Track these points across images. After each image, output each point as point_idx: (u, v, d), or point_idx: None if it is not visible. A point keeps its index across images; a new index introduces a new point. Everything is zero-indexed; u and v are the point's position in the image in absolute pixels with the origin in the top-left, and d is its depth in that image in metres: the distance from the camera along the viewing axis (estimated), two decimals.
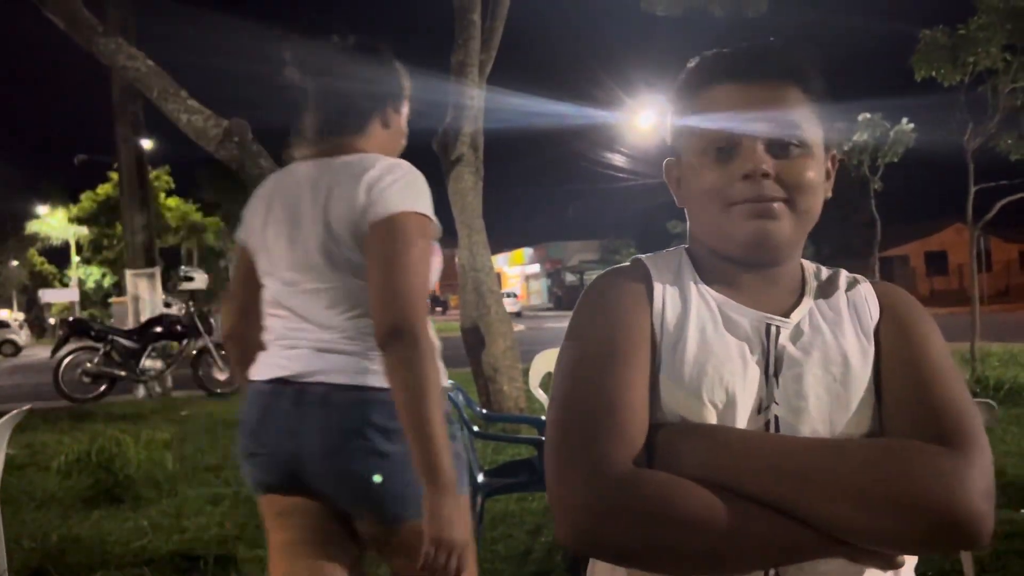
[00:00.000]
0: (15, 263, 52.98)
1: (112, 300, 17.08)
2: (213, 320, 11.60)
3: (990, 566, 3.27)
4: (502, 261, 59.39)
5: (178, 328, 11.13)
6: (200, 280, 11.93)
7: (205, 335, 11.07)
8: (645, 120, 19.32)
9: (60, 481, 5.24)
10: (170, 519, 4.54)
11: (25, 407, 3.98)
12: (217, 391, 10.85)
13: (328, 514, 1.69)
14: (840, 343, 0.95)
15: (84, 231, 38.75)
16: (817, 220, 1.00)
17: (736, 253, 0.97)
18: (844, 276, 1.04)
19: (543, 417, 3.28)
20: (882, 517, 0.79)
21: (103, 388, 10.81)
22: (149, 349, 10.96)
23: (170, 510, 4.73)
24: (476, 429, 3.66)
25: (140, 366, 10.90)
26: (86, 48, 5.86)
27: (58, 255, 47.93)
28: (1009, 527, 3.67)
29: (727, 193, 0.94)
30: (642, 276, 1.00)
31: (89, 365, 10.69)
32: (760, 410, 0.92)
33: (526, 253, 60.83)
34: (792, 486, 0.82)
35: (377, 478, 1.57)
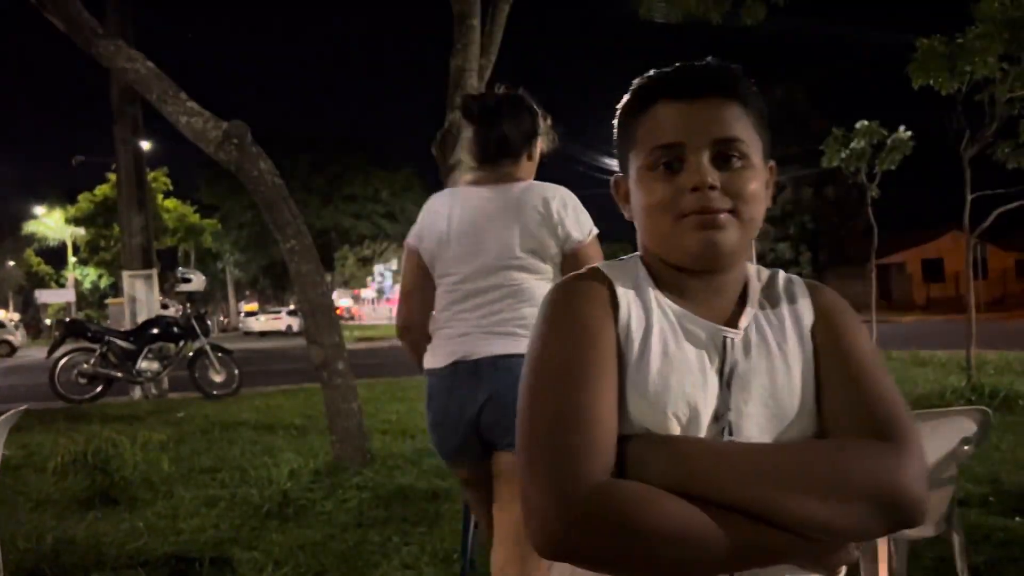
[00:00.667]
0: (12, 263, 52.90)
1: (108, 301, 17.02)
2: (210, 322, 11.59)
3: (986, 573, 3.27)
4: None
5: (175, 330, 11.11)
6: (197, 282, 11.92)
7: (202, 337, 11.06)
8: None
9: (56, 482, 5.23)
10: (166, 521, 4.53)
11: (21, 408, 3.98)
12: (214, 393, 10.84)
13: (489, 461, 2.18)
14: (783, 348, 1.00)
15: (81, 232, 38.68)
16: (760, 227, 1.04)
17: (686, 263, 1.01)
18: (782, 278, 1.09)
19: None
20: (833, 507, 0.86)
21: (99, 389, 10.78)
22: (146, 351, 10.94)
23: (166, 512, 4.73)
24: None
25: (136, 367, 10.88)
26: (86, 50, 5.87)
27: (55, 256, 47.88)
28: (1004, 535, 3.68)
29: (676, 205, 0.98)
30: (605, 285, 1.02)
31: (85, 366, 10.67)
32: (717, 419, 0.97)
33: None
34: (749, 487, 0.87)
35: None
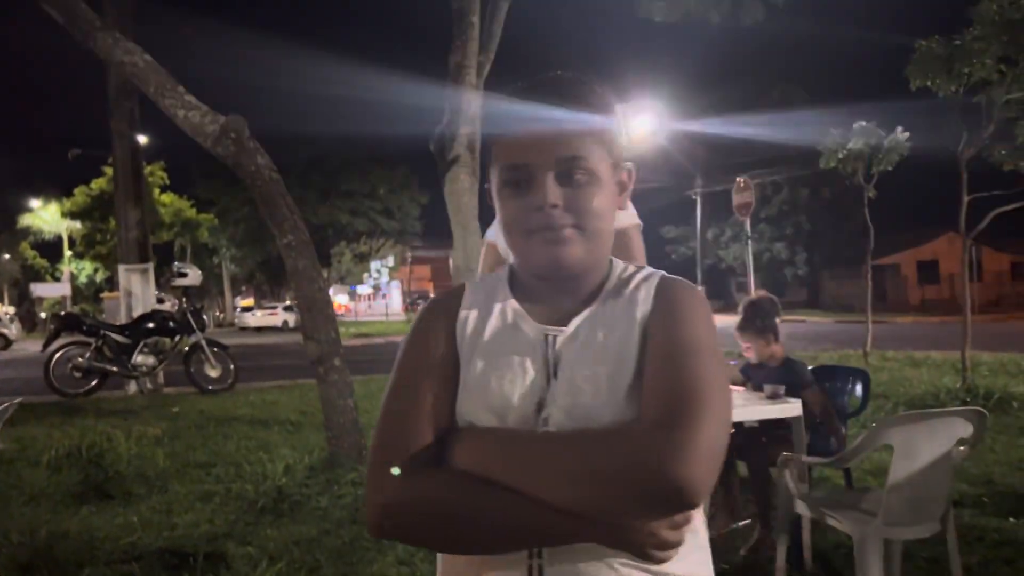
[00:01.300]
0: (7, 257, 52.73)
1: (104, 295, 16.98)
2: (206, 317, 11.57)
3: (979, 574, 3.29)
4: None
5: (171, 324, 11.09)
6: (193, 276, 11.89)
7: (198, 332, 11.04)
8: (640, 125, 19.31)
9: (49, 476, 5.23)
10: (160, 515, 4.53)
11: (16, 401, 3.98)
12: (209, 388, 10.83)
13: None
14: (610, 342, 1.05)
15: (77, 225, 38.62)
16: (611, 235, 1.10)
17: (536, 273, 1.10)
18: (641, 274, 1.13)
19: None
20: (589, 490, 0.91)
21: (94, 383, 10.76)
22: (141, 345, 10.92)
23: (160, 506, 4.72)
24: None
25: (132, 362, 10.85)
26: (83, 43, 5.84)
27: (50, 249, 47.74)
28: (998, 535, 3.70)
29: (524, 223, 1.06)
30: (456, 299, 1.14)
31: (80, 360, 10.64)
32: (540, 410, 1.03)
33: None
34: (523, 472, 0.94)
35: None
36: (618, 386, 1.01)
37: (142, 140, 13.00)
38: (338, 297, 52.94)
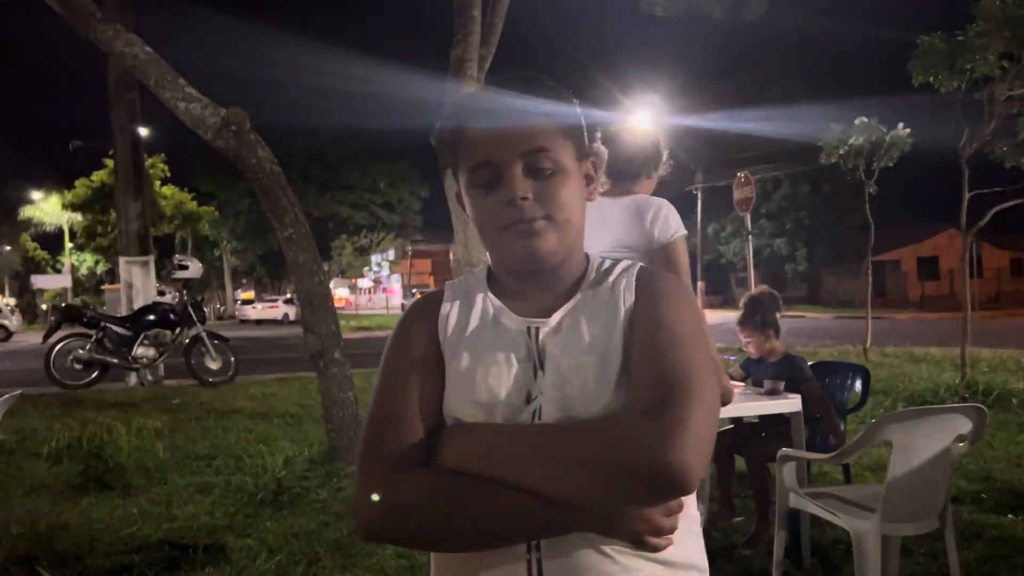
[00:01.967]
0: (8, 248, 52.73)
1: (105, 287, 16.97)
2: (206, 309, 11.57)
3: (977, 570, 3.29)
4: None
5: (171, 317, 11.10)
6: (194, 269, 11.89)
7: (198, 324, 11.05)
8: (641, 120, 19.30)
9: (50, 467, 5.24)
10: (160, 507, 4.54)
11: (16, 392, 3.98)
12: (209, 380, 10.84)
13: None
14: (593, 333, 1.06)
15: (78, 217, 38.55)
16: (582, 225, 1.11)
17: (513, 268, 1.11)
18: (620, 266, 1.14)
19: None
20: (583, 480, 0.91)
21: (95, 375, 10.77)
22: (142, 337, 10.93)
23: (160, 498, 4.73)
24: None
25: (132, 354, 10.86)
26: (83, 34, 5.83)
27: (51, 241, 47.74)
28: (996, 532, 3.70)
29: (496, 219, 1.07)
30: (436, 300, 1.16)
31: (81, 352, 10.65)
32: (528, 402, 1.04)
33: None
34: (516, 465, 0.95)
35: None
36: (605, 377, 1.01)
37: (143, 132, 12.98)
38: (338, 290, 52.94)
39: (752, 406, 3.66)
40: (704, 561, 1.09)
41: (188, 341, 11.10)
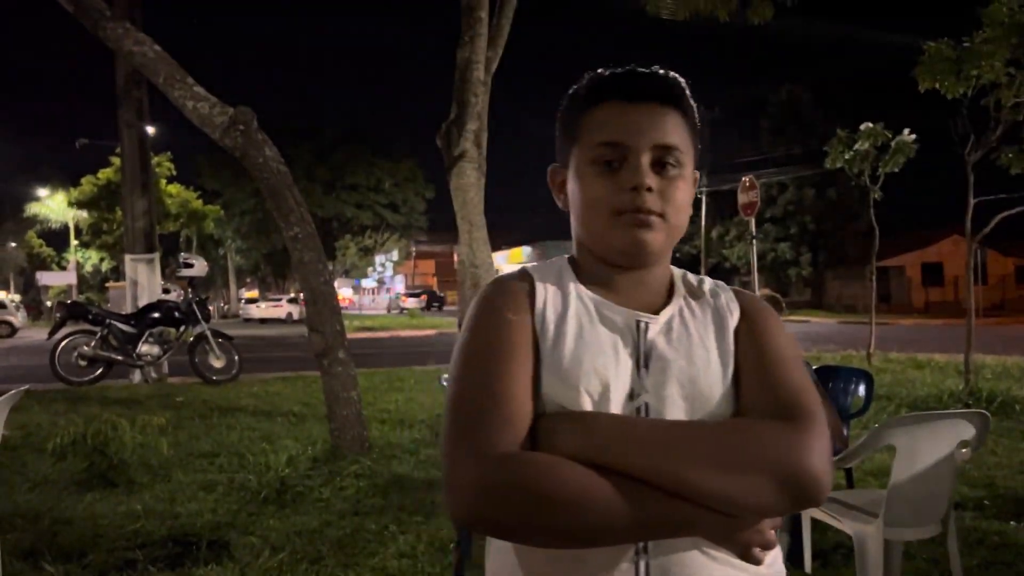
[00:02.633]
0: (13, 245, 52.88)
1: (109, 284, 17.01)
2: (211, 308, 11.58)
3: None
4: (500, 259, 59.39)
5: (176, 314, 11.13)
6: (199, 267, 11.92)
7: (203, 322, 11.08)
8: None
9: (54, 463, 5.25)
10: (163, 504, 4.55)
11: (22, 388, 3.99)
12: (213, 378, 10.86)
13: None
14: (704, 340, 1.06)
15: (84, 215, 38.63)
16: (682, 233, 1.10)
17: (613, 257, 1.08)
18: (710, 282, 1.15)
19: None
20: (732, 479, 0.90)
21: (99, 372, 10.81)
22: (146, 334, 10.96)
23: (163, 495, 4.75)
24: None
25: (137, 351, 10.90)
26: (93, 32, 5.86)
27: (57, 238, 47.88)
28: (999, 538, 3.70)
29: (612, 202, 1.03)
30: (526, 282, 1.10)
31: (86, 348, 10.69)
32: (632, 398, 1.01)
33: (525, 252, 60.81)
34: (653, 458, 0.91)
35: None
36: (716, 384, 1.02)
37: (150, 131, 13.02)
38: (342, 290, 52.96)
39: None
40: None
41: (192, 339, 11.12)
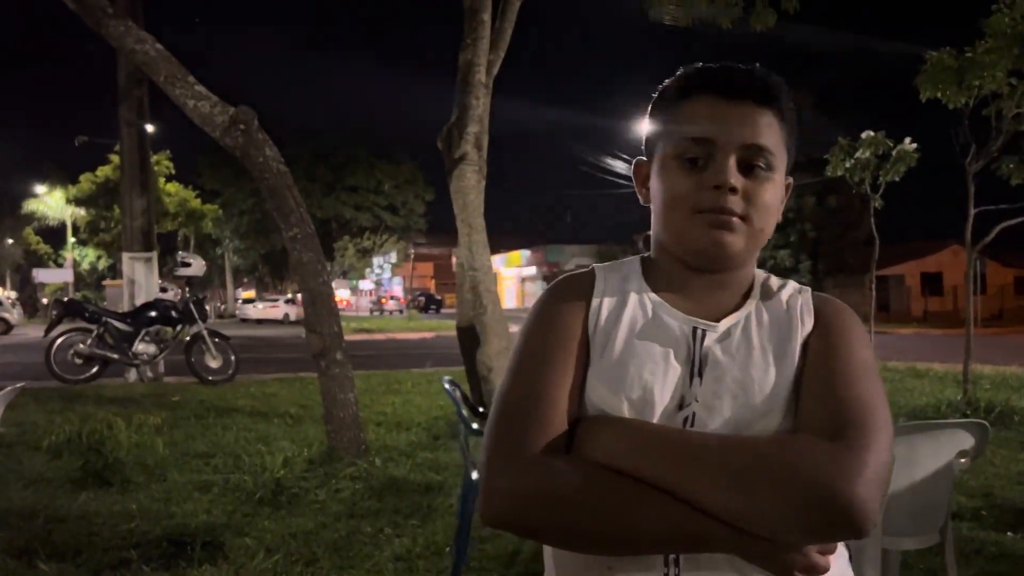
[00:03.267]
0: (10, 241, 52.81)
1: (106, 283, 16.99)
2: (208, 307, 11.57)
3: None
4: (499, 262, 59.44)
5: (173, 314, 11.11)
6: (197, 266, 11.90)
7: (200, 322, 11.05)
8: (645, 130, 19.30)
9: (49, 461, 5.24)
10: (158, 504, 4.53)
11: (18, 385, 3.98)
12: (209, 378, 10.83)
13: None
14: (766, 349, 1.00)
15: (81, 212, 38.65)
16: (768, 238, 1.05)
17: (690, 258, 1.03)
18: (790, 287, 1.10)
19: None
20: (762, 502, 0.84)
21: (95, 370, 10.78)
22: (143, 333, 10.93)
23: (159, 495, 4.73)
24: (475, 427, 3.64)
25: (133, 350, 10.87)
26: (95, 30, 5.85)
27: (54, 235, 47.83)
28: (996, 549, 3.69)
29: (694, 200, 1.00)
30: (587, 282, 1.08)
31: (82, 346, 10.66)
32: (681, 407, 0.98)
33: (523, 255, 60.86)
34: (681, 471, 0.88)
35: None
36: (774, 397, 0.97)
37: (150, 129, 13.01)
38: (339, 291, 52.92)
39: None
40: None
41: (189, 339, 11.10)
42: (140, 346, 10.91)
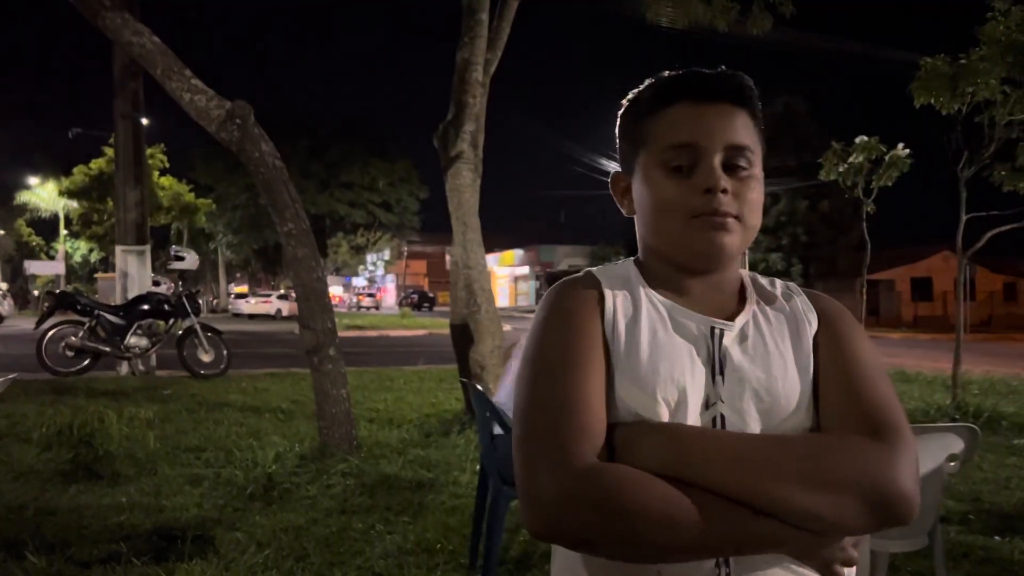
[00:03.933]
0: (2, 233, 52.52)
1: (98, 275, 16.95)
2: (201, 301, 11.54)
3: None
4: (492, 261, 59.42)
5: (165, 307, 11.07)
6: (191, 260, 11.88)
7: (192, 316, 11.03)
8: None
9: (39, 453, 5.22)
10: (149, 497, 4.52)
11: (10, 376, 3.97)
12: (201, 373, 10.81)
13: None
14: (780, 348, 1.03)
15: (74, 204, 38.44)
16: (755, 234, 1.07)
17: (688, 261, 1.04)
18: (780, 285, 1.12)
19: None
20: (821, 497, 0.88)
21: (86, 363, 10.74)
22: (135, 327, 10.89)
23: (149, 488, 4.72)
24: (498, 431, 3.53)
25: (125, 343, 10.83)
26: (91, 21, 5.82)
27: (46, 227, 47.65)
28: (983, 553, 3.72)
29: (687, 206, 1.01)
30: (593, 285, 1.07)
31: (73, 339, 10.61)
32: (707, 407, 0.99)
33: (516, 255, 60.86)
34: (739, 474, 0.89)
35: None
36: (794, 395, 0.99)
37: (144, 122, 12.96)
38: (332, 288, 52.84)
39: None
40: None
41: (181, 333, 11.07)
42: (132, 339, 10.87)
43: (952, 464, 2.82)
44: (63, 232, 42.35)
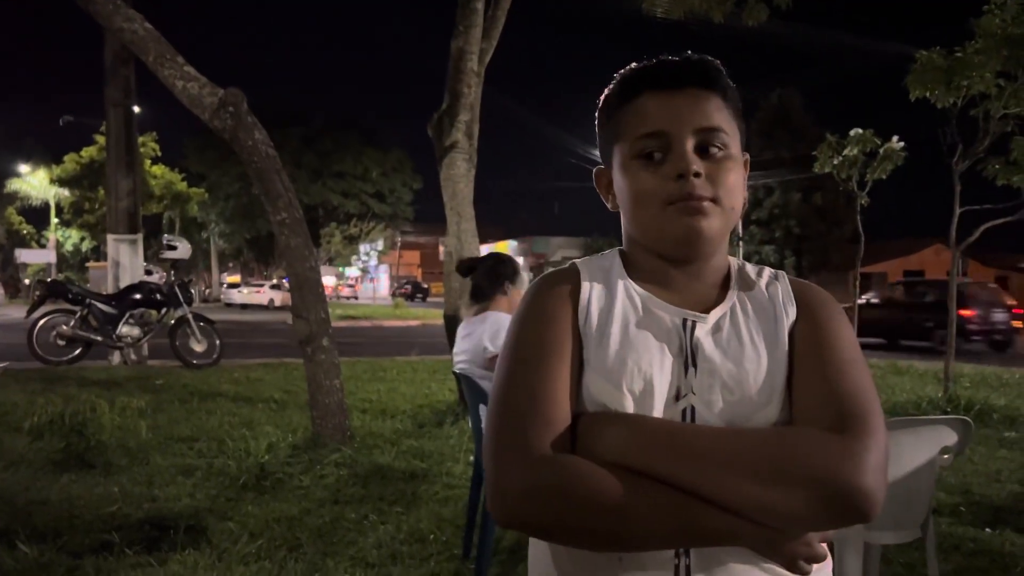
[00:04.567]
0: None
1: (89, 264, 16.87)
2: (193, 290, 11.50)
3: None
4: (486, 252, 59.34)
5: (158, 297, 11.03)
6: (183, 250, 11.82)
7: (185, 305, 10.99)
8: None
9: (31, 442, 5.19)
10: (141, 487, 4.51)
11: (1, 365, 3.94)
12: (194, 362, 10.78)
13: None
14: (755, 339, 1.02)
15: (65, 193, 38.23)
16: (739, 217, 1.08)
17: (669, 249, 1.04)
18: (767, 273, 1.11)
19: None
20: (774, 492, 0.87)
21: (77, 352, 10.68)
22: (127, 316, 10.85)
23: (141, 478, 4.71)
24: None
25: (117, 332, 10.78)
26: (83, 7, 5.77)
27: (37, 215, 47.27)
28: (974, 545, 3.74)
29: (662, 193, 1.01)
30: (572, 278, 1.08)
31: (65, 328, 10.56)
32: (678, 399, 0.99)
33: (510, 246, 60.79)
34: (693, 466, 0.89)
35: None
36: (770, 387, 0.98)
37: (136, 110, 12.87)
38: (326, 278, 52.73)
39: None
40: None
41: (174, 322, 11.03)
42: (124, 329, 10.83)
43: (945, 457, 2.83)
44: (54, 220, 42.10)
